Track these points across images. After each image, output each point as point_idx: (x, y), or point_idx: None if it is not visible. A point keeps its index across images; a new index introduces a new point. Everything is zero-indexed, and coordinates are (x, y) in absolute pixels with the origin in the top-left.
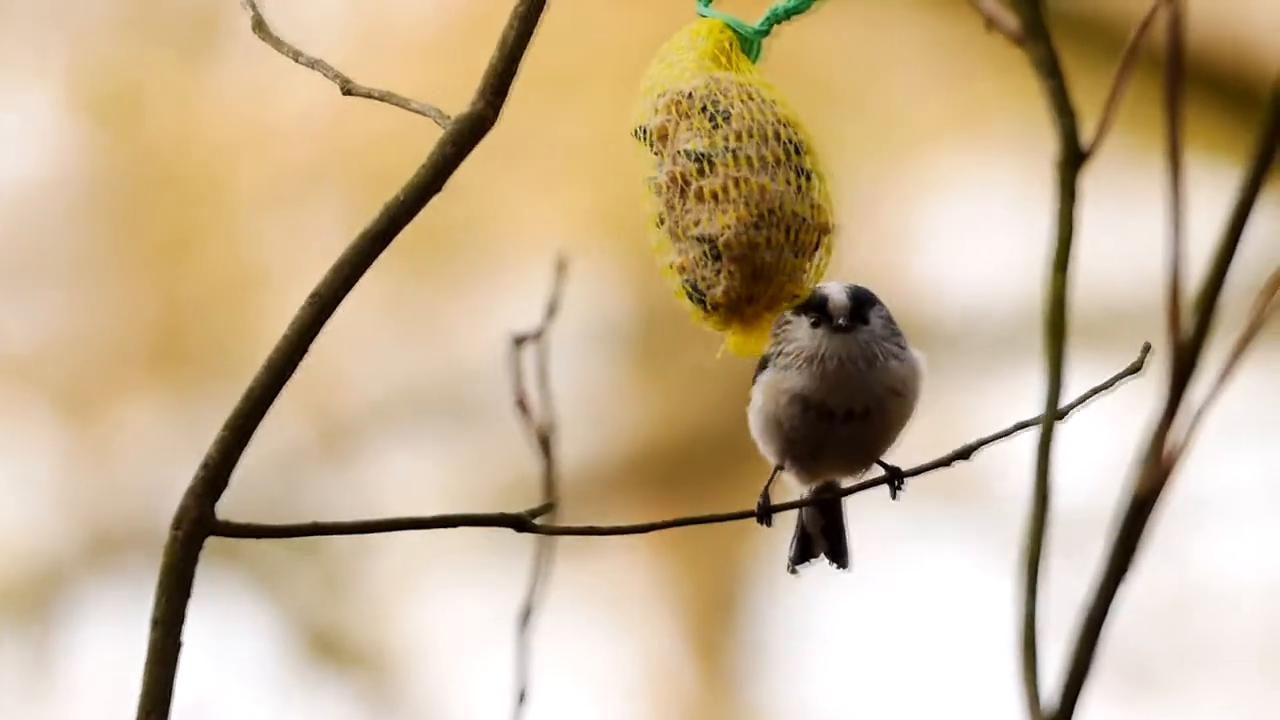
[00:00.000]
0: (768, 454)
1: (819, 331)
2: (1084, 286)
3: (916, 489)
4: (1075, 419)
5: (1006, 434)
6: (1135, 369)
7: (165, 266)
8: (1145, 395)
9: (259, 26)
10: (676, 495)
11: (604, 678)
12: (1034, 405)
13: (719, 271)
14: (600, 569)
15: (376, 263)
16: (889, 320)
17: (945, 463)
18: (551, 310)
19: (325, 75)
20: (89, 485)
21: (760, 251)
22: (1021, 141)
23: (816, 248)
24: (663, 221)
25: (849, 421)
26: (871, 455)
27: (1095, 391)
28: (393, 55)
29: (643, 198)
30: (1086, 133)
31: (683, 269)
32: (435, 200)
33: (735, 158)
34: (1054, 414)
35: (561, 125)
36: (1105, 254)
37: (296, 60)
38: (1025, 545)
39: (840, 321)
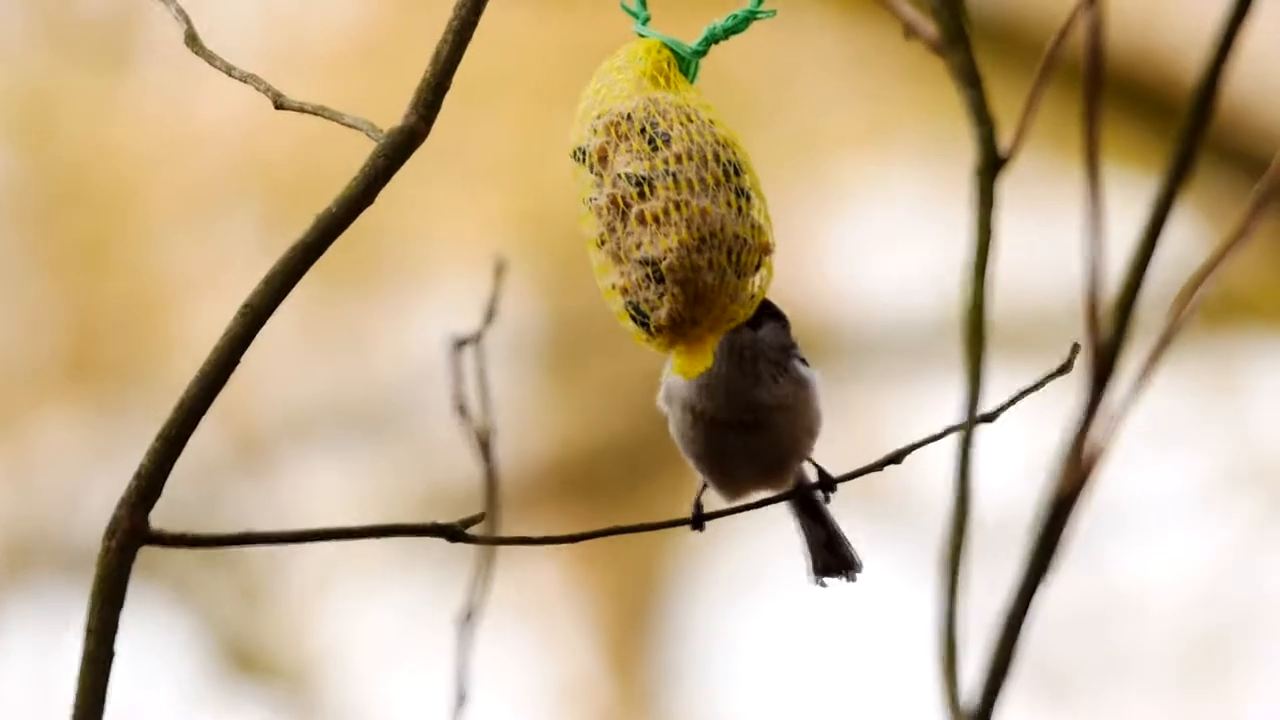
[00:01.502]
0: (693, 466)
1: None
2: (1004, 293)
3: (836, 496)
4: (995, 425)
5: (938, 437)
6: (1065, 369)
7: (81, 277)
8: (1064, 401)
9: (192, 40)
10: (594, 504)
11: (520, 688)
12: (953, 411)
13: (662, 295)
14: (516, 579)
15: None
16: (783, 333)
17: (878, 467)
18: (490, 314)
19: (258, 89)
20: (3, 495)
21: (703, 274)
22: (934, 150)
23: (758, 268)
24: (603, 244)
25: (739, 431)
26: (779, 467)
27: (1024, 394)
28: (310, 67)
29: (582, 219)
30: (1004, 140)
31: (625, 291)
32: None
33: (676, 180)
34: (974, 418)
35: (478, 134)
36: (1025, 261)
37: (230, 74)
38: (946, 547)
39: None
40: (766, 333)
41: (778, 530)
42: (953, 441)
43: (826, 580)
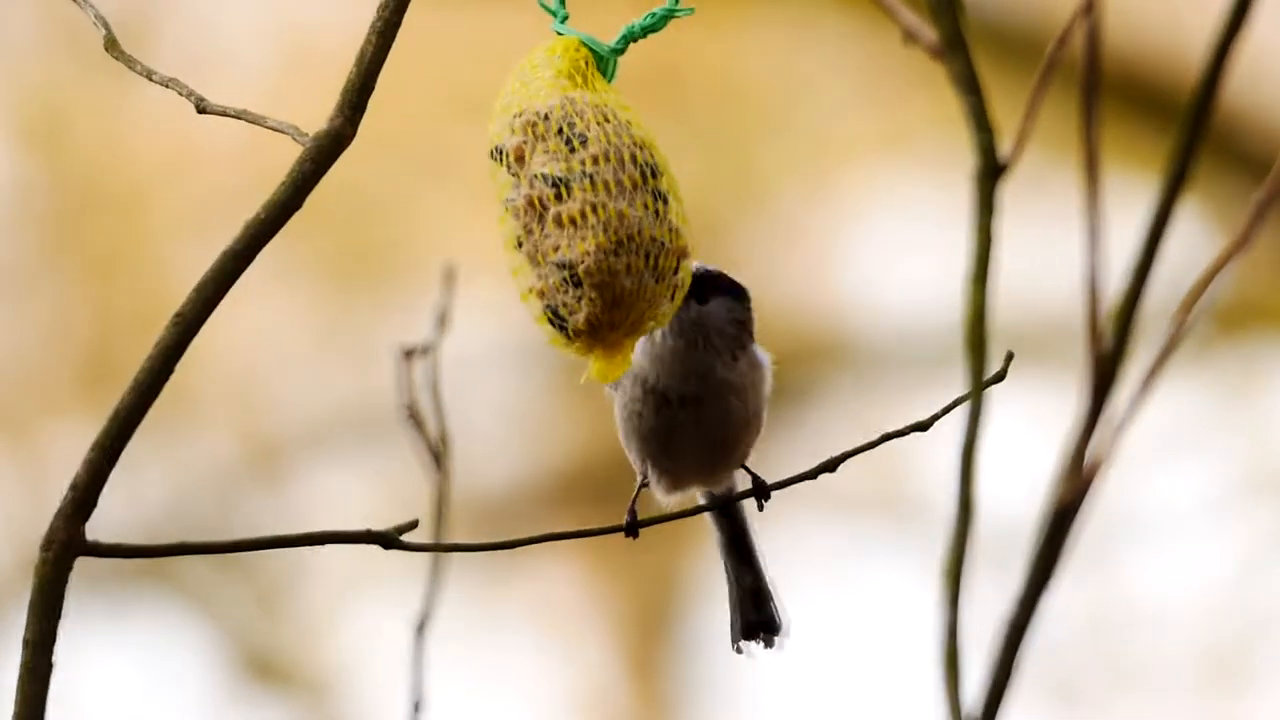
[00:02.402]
0: (632, 459)
1: None
2: (1008, 300)
3: (851, 506)
4: (1000, 434)
5: (872, 445)
6: (999, 378)
7: (93, 288)
8: (1072, 410)
9: (111, 45)
10: (608, 513)
11: (539, 697)
12: (959, 420)
13: (580, 298)
14: (535, 588)
15: (304, 283)
16: (738, 308)
17: (811, 475)
18: (442, 322)
19: (179, 93)
20: (16, 506)
21: (620, 278)
22: (946, 159)
23: (675, 272)
24: (521, 245)
25: (685, 407)
26: (724, 451)
27: (956, 403)
28: (315, 79)
29: (500, 220)
30: (1005, 146)
31: (542, 294)
32: (361, 219)
33: (593, 182)
34: (977, 425)
35: (483, 143)
36: (1029, 269)
37: (150, 79)
38: (948, 554)
39: None
40: (714, 308)
41: (792, 541)
42: (957, 448)
43: (745, 646)
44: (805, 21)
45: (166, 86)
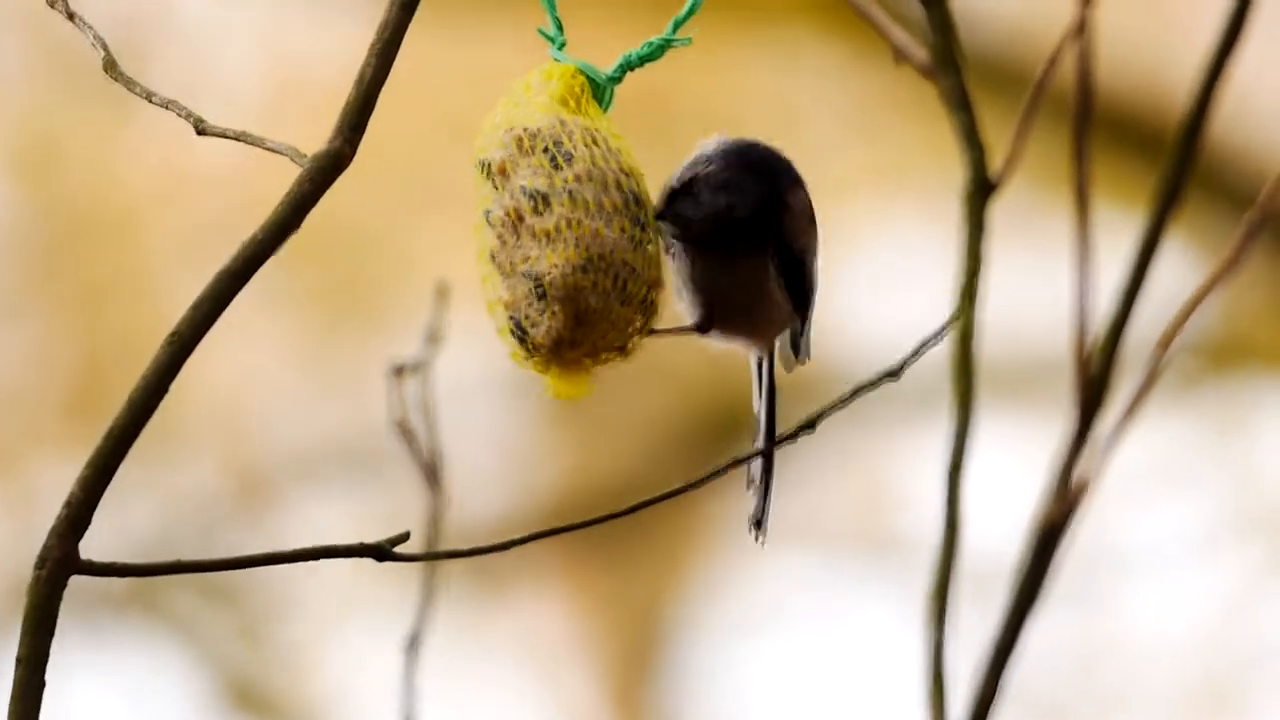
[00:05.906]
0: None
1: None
2: (991, 333)
3: (836, 539)
4: (987, 471)
5: (846, 402)
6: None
7: (82, 316)
8: (1054, 445)
9: (110, 67)
10: (594, 542)
11: None
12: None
13: (544, 311)
14: (515, 621)
15: (293, 310)
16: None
17: (791, 438)
18: (433, 339)
19: (178, 115)
20: (4, 533)
21: (586, 295)
22: (938, 192)
23: (644, 300)
24: (494, 257)
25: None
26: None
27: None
28: (308, 105)
29: (475, 229)
30: (995, 165)
31: (508, 305)
32: (351, 246)
33: (573, 199)
34: (963, 444)
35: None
36: (1020, 303)
37: (150, 100)
38: (934, 574)
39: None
40: (684, 208)
41: (775, 574)
42: (942, 473)
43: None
44: (793, 53)
45: (166, 108)
